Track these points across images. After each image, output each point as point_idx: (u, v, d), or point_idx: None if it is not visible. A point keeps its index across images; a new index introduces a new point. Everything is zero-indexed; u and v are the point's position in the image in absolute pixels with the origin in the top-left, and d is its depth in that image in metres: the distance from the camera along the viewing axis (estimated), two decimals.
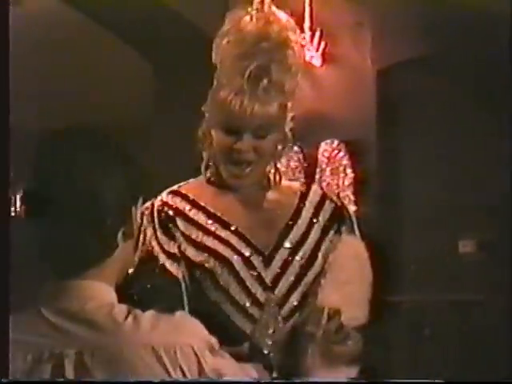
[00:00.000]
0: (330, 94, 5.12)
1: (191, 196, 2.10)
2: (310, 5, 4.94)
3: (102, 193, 1.53)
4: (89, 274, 1.55)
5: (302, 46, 2.20)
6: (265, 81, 1.99)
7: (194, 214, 2.07)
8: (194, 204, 2.09)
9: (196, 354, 1.51)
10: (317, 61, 5.03)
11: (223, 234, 2.06)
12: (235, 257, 2.04)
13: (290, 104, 2.07)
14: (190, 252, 2.04)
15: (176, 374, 1.49)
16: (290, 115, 2.08)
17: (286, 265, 2.06)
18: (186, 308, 2.02)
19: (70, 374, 1.49)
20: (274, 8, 2.07)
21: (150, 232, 2.05)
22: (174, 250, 2.04)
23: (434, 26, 4.58)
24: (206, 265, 2.03)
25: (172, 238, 2.05)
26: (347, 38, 4.99)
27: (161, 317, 1.54)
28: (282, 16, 2.08)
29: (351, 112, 5.03)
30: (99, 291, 1.55)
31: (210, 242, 2.05)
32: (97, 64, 6.12)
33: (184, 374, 1.49)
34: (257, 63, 1.99)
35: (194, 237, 2.05)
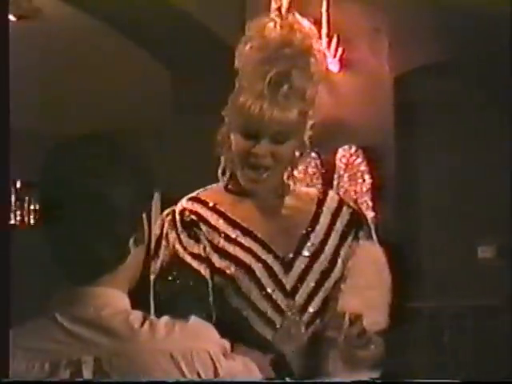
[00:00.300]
0: (347, 100, 5.11)
1: (211, 202, 2.10)
2: (327, 11, 4.94)
3: (114, 198, 1.53)
4: (102, 280, 1.55)
5: (325, 56, 2.20)
6: (285, 87, 1.99)
7: (214, 220, 2.07)
8: (215, 210, 2.09)
9: (212, 359, 1.52)
10: (334, 67, 5.03)
11: (244, 240, 2.06)
12: (256, 263, 2.04)
13: (310, 112, 2.06)
14: (213, 257, 2.05)
15: (192, 377, 1.49)
16: (309, 123, 2.08)
17: (306, 271, 2.06)
18: (213, 308, 2.03)
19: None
20: (298, 16, 2.07)
21: (173, 236, 2.05)
22: (199, 251, 2.04)
23: (450, 32, 4.58)
24: (228, 271, 2.03)
25: (197, 240, 2.05)
26: (364, 43, 4.99)
27: (176, 323, 1.54)
28: (306, 24, 2.09)
29: (369, 118, 5.03)
30: (113, 298, 1.55)
31: (231, 248, 2.04)
32: (112, 68, 6.13)
33: (200, 377, 1.50)
34: (278, 69, 1.99)
35: (215, 243, 2.05)
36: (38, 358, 1.50)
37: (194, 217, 2.07)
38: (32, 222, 6.54)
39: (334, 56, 5.00)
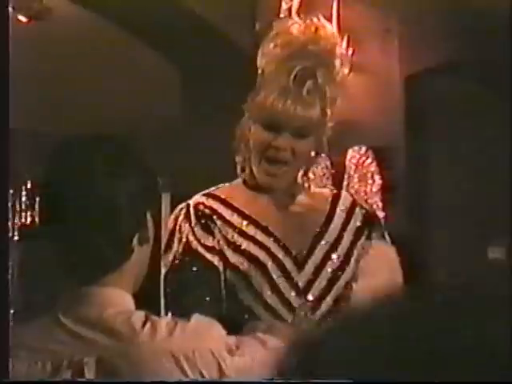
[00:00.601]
0: (357, 100, 5.10)
1: (226, 198, 2.11)
2: (338, 11, 4.93)
3: (118, 198, 1.53)
4: (106, 280, 1.54)
5: (347, 60, 2.21)
6: (309, 83, 2.00)
7: (229, 215, 2.08)
8: (229, 205, 2.10)
9: (215, 357, 1.51)
10: None
11: (258, 236, 2.06)
12: (269, 260, 2.04)
13: (329, 112, 2.07)
14: (226, 252, 2.05)
15: (195, 376, 1.49)
16: (329, 124, 2.09)
17: (318, 270, 2.06)
18: (224, 302, 2.03)
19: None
20: (322, 20, 2.09)
21: (186, 228, 2.06)
22: (213, 244, 2.05)
23: (461, 32, 4.56)
24: (241, 267, 2.03)
25: (211, 233, 2.05)
26: (375, 44, 4.98)
27: (177, 322, 1.54)
28: (329, 28, 2.11)
29: (379, 118, 5.02)
30: (117, 298, 1.55)
31: (244, 243, 2.05)
32: (122, 68, 6.14)
33: (203, 376, 1.49)
34: (303, 65, 2.01)
35: (229, 237, 2.06)
36: (40, 358, 1.49)
37: (208, 211, 2.07)
38: (30, 220, 6.54)
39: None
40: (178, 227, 2.06)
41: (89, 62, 6.00)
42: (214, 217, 2.07)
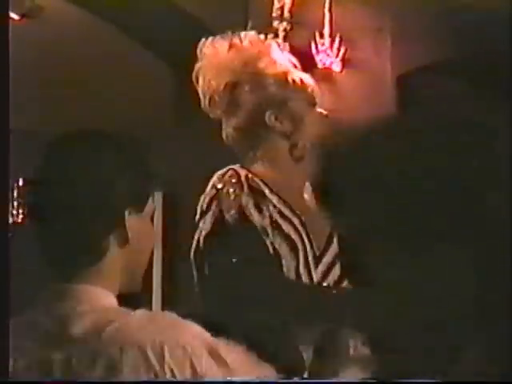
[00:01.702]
0: (349, 100, 5.10)
1: (262, 177, 2.14)
2: (330, 10, 4.92)
3: (94, 194, 1.52)
4: (84, 277, 1.53)
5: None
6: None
7: (268, 193, 2.10)
8: (266, 185, 2.12)
9: (188, 354, 1.45)
10: (336, 66, 5.01)
11: (294, 220, 2.07)
12: (300, 246, 2.06)
13: None
14: (272, 232, 2.05)
15: (164, 373, 1.43)
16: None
17: (332, 263, 2.07)
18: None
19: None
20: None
21: (243, 198, 2.04)
22: (261, 222, 2.05)
23: (454, 31, 4.56)
24: (277, 246, 2.04)
25: (260, 211, 2.06)
26: (367, 43, 4.98)
27: (150, 316, 1.51)
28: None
29: (371, 117, 5.01)
30: (93, 295, 1.53)
31: (284, 225, 2.06)
32: (115, 68, 6.13)
33: (173, 374, 1.44)
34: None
35: (274, 217, 2.06)
36: (11, 356, 1.47)
37: (261, 184, 2.09)
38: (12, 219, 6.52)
39: (337, 56, 4.98)
40: (224, 192, 2.03)
41: (81, 62, 5.99)
42: (265, 191, 2.08)
